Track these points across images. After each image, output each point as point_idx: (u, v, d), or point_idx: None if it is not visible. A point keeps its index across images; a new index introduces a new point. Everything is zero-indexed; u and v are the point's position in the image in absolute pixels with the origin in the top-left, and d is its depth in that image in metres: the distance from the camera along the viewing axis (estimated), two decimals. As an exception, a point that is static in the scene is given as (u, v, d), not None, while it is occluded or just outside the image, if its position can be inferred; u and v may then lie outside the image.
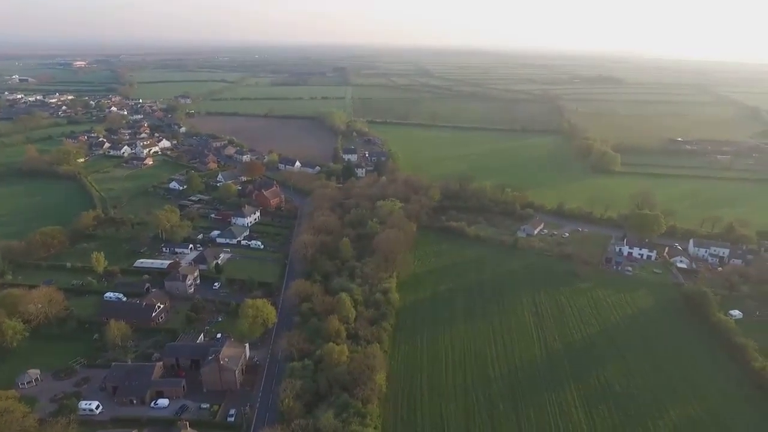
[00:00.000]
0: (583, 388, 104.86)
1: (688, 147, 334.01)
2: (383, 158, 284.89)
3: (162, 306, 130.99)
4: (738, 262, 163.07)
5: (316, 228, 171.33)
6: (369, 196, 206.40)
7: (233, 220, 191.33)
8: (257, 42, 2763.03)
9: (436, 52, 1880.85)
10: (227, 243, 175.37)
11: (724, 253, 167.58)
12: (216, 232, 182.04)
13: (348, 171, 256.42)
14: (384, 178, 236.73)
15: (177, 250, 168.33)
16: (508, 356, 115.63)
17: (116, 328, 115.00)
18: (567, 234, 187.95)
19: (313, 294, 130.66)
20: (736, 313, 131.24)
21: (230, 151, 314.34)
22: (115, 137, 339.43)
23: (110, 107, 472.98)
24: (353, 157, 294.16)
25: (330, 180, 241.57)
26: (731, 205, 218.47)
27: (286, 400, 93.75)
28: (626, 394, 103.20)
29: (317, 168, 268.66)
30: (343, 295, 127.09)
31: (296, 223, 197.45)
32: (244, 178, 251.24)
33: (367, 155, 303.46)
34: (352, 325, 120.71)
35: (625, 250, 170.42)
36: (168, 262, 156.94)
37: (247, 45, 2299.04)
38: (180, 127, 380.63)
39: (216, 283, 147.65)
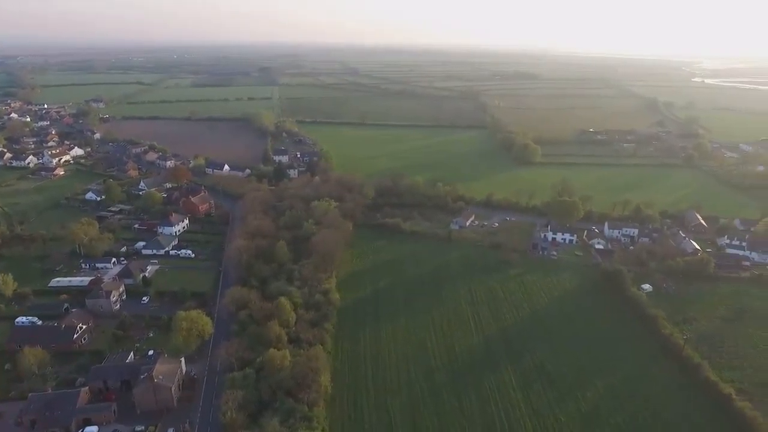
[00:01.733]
0: (519, 370, 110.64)
1: (599, 137, 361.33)
2: (315, 158, 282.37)
3: (84, 327, 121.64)
4: (646, 240, 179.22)
5: (249, 232, 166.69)
6: (303, 197, 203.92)
7: (159, 230, 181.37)
8: (173, 41, 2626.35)
9: (361, 51, 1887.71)
10: (154, 254, 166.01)
11: (634, 233, 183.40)
12: (141, 244, 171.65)
13: (280, 172, 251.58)
14: (317, 178, 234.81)
15: (98, 265, 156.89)
16: (448, 346, 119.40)
17: (31, 355, 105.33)
18: (496, 224, 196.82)
19: (251, 300, 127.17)
20: (646, 287, 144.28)
21: (152, 156, 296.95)
22: (18, 146, 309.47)
23: (10, 114, 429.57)
24: (284, 158, 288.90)
25: (262, 182, 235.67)
26: (637, 189, 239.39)
27: (228, 413, 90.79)
28: (557, 371, 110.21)
29: (247, 171, 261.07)
30: (282, 299, 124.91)
31: (228, 228, 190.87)
32: (169, 185, 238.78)
33: (298, 156, 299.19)
34: (293, 328, 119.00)
35: (550, 235, 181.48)
36: (89, 278, 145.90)
37: (163, 45, 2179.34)
38: (94, 133, 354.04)
39: (144, 298, 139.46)
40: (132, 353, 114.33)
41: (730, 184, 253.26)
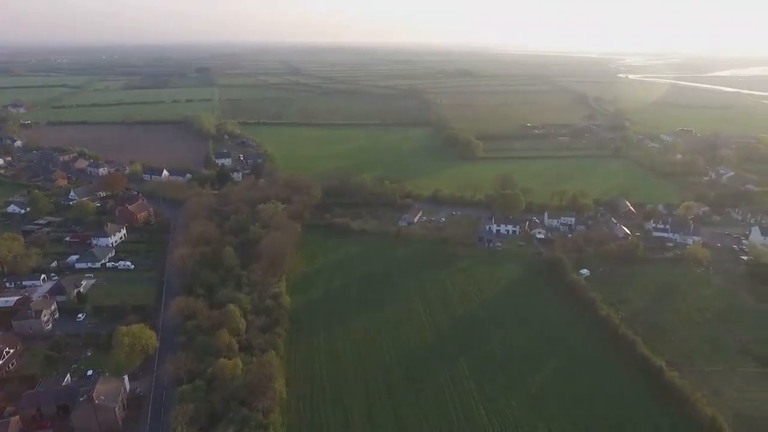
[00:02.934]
0: (471, 360, 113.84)
1: (536, 131, 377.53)
2: (260, 160, 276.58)
3: (11, 351, 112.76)
4: (582, 228, 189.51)
5: (193, 239, 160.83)
6: (249, 201, 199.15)
7: (94, 242, 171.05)
8: (101, 42, 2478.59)
9: (303, 50, 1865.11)
10: (89, 267, 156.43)
11: (571, 221, 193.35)
12: (74, 257, 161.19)
13: (223, 176, 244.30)
14: (263, 180, 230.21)
15: (25, 283, 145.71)
16: (402, 341, 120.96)
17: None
18: (443, 219, 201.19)
19: (198, 310, 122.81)
20: (584, 271, 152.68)
21: (82, 164, 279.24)
22: None
23: None
24: (227, 161, 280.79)
25: (204, 187, 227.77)
26: (573, 180, 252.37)
27: (179, 428, 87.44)
28: (507, 358, 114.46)
29: (188, 175, 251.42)
30: (231, 306, 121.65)
31: (170, 236, 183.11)
32: (103, 194, 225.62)
33: (242, 158, 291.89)
34: (244, 336, 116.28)
35: (494, 228, 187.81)
36: (15, 298, 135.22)
37: (90, 45, 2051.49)
38: (14, 141, 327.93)
39: (80, 315, 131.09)
40: (68, 375, 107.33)
41: (654, 172, 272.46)
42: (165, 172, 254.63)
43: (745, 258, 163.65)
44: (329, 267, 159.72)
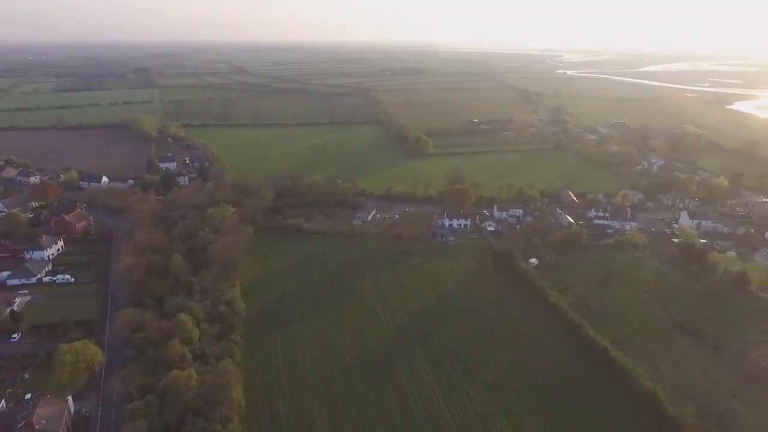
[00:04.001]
0: (429, 353, 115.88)
1: (483, 127, 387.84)
2: (207, 163, 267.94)
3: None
4: (530, 219, 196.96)
5: (139, 248, 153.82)
6: (197, 205, 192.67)
7: (27, 255, 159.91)
8: (25, 41, 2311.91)
9: (247, 49, 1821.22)
10: (23, 284, 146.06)
11: (519, 213, 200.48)
12: (5, 273, 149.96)
13: (168, 181, 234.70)
14: (210, 183, 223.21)
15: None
16: (360, 340, 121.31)
17: None
18: (397, 216, 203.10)
19: (146, 321, 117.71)
20: (533, 261, 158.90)
21: (10, 173, 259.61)
22: None
23: None
24: (172, 165, 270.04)
25: (148, 193, 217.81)
26: (519, 173, 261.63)
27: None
28: (464, 349, 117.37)
29: (130, 181, 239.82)
30: (182, 315, 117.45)
31: (113, 246, 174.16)
32: (35, 204, 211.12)
33: (187, 161, 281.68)
34: (198, 345, 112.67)
35: (446, 222, 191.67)
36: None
37: (12, 45, 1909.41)
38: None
39: (15, 335, 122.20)
40: (3, 401, 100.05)
41: (593, 163, 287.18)
42: (104, 179, 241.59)
43: (676, 240, 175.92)
44: (284, 269, 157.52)
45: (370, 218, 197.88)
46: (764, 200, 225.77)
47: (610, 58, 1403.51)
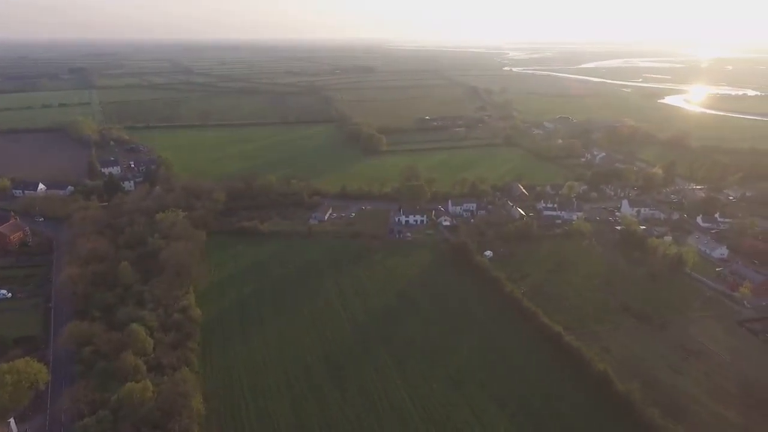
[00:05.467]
0: (392, 349, 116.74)
1: (435, 123, 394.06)
2: (153, 166, 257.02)
3: None
4: (483, 212, 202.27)
5: (83, 258, 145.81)
6: (144, 211, 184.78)
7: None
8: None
9: (192, 48, 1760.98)
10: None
11: (473, 207, 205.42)
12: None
13: (112, 186, 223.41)
14: (158, 187, 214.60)
15: None
16: (323, 340, 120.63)
17: None
18: (353, 214, 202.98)
19: (94, 334, 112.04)
20: (488, 253, 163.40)
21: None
22: None
23: None
24: (116, 170, 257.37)
25: (90, 200, 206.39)
26: (471, 168, 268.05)
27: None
28: (426, 343, 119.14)
29: (70, 188, 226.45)
30: (134, 325, 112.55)
31: (54, 257, 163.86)
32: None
33: (132, 165, 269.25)
34: (152, 355, 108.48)
35: (403, 219, 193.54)
36: None
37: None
38: None
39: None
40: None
41: (540, 157, 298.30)
42: (41, 186, 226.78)
43: (618, 228, 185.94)
44: (240, 273, 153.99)
45: (326, 217, 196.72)
46: (695, 187, 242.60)
47: (551, 55, 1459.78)
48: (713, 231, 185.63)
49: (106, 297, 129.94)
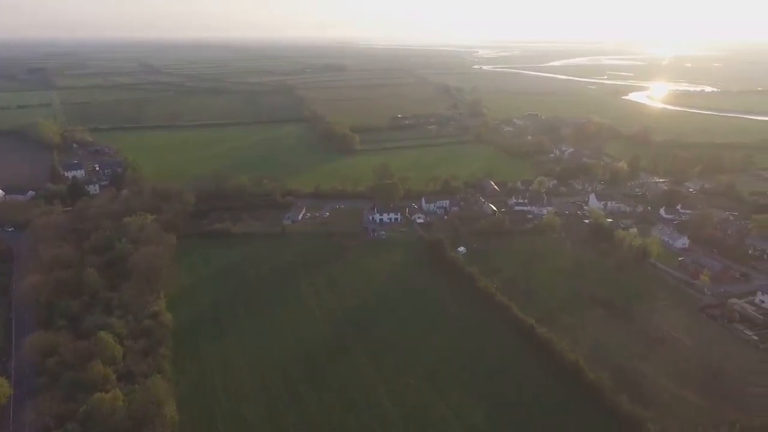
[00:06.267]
0: (368, 348, 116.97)
1: (407, 122, 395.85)
2: (120, 169, 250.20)
3: None
4: (456, 209, 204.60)
5: (45, 265, 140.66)
6: (111, 215, 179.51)
7: None
8: None
9: (158, 47, 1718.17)
10: None
11: (446, 204, 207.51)
12: None
13: (76, 190, 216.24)
14: (126, 191, 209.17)
15: None
16: (298, 340, 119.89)
17: None
18: (327, 213, 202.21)
19: (60, 344, 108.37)
20: (462, 249, 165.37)
21: None
22: None
23: None
24: (80, 173, 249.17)
25: (53, 204, 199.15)
26: (444, 165, 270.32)
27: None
28: (402, 340, 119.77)
29: (31, 193, 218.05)
30: (102, 333, 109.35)
31: (14, 265, 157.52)
32: None
33: (98, 168, 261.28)
34: (122, 363, 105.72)
35: (377, 217, 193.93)
36: None
37: None
38: None
39: None
40: None
41: (511, 153, 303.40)
42: (0, 192, 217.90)
43: (587, 221, 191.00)
44: (213, 276, 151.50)
45: (300, 218, 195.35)
46: (657, 181, 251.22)
47: (519, 54, 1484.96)
48: (675, 222, 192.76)
49: (72, 305, 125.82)
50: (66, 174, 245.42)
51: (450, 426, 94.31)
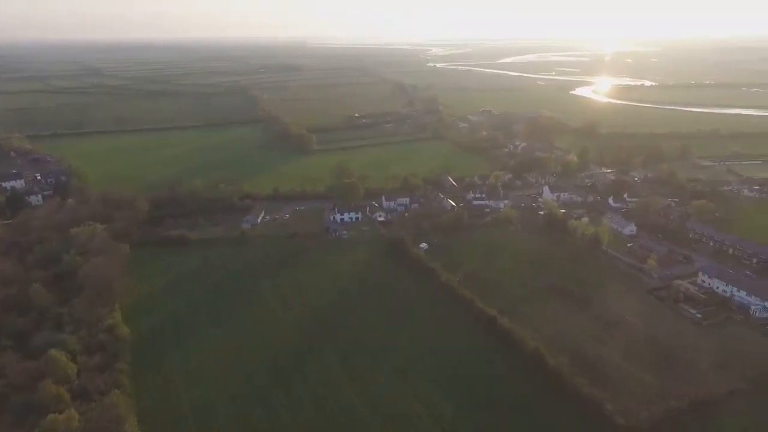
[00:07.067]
0: (337, 348, 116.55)
1: (364, 121, 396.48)
2: (64, 177, 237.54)
3: None
4: (416, 206, 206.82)
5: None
6: (56, 226, 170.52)
7: None
8: None
9: (99, 48, 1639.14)
10: None
11: (406, 201, 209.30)
12: None
13: (16, 201, 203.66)
14: (71, 200, 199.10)
15: None
16: (265, 345, 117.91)
17: None
18: (288, 215, 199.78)
19: (6, 365, 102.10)
20: (423, 245, 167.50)
21: None
22: None
23: None
24: (19, 183, 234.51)
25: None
26: (402, 163, 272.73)
27: None
28: (369, 339, 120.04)
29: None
30: (53, 351, 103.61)
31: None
32: None
33: (39, 177, 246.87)
34: (76, 382, 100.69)
35: (338, 217, 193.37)
36: None
37: None
38: None
39: None
40: None
41: (467, 149, 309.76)
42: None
43: (541, 213, 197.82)
44: (171, 284, 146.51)
45: (259, 220, 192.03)
46: (605, 171, 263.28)
47: (470, 51, 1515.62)
48: (623, 210, 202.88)
49: (18, 323, 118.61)
50: (4, 185, 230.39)
51: (421, 420, 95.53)
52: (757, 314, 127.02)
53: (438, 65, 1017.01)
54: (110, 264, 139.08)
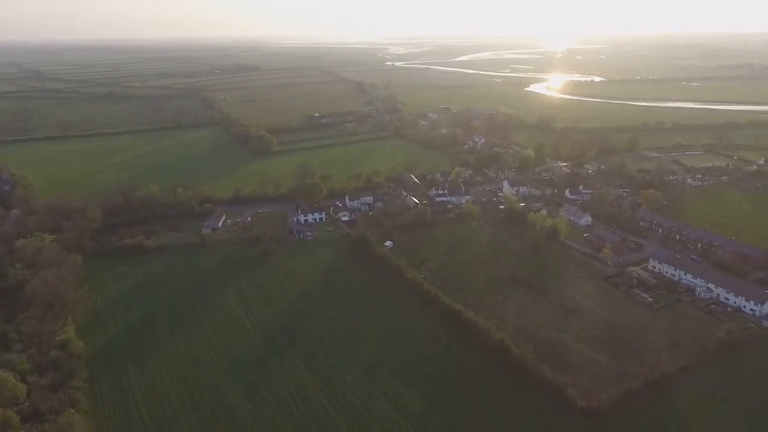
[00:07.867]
0: (301, 350, 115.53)
1: (324, 120, 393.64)
2: (7, 187, 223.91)
3: None
4: (380, 204, 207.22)
5: None
6: (0, 239, 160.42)
7: None
8: None
9: (37, 50, 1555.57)
10: None
11: (369, 200, 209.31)
12: None
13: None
14: (16, 210, 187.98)
15: None
16: (228, 352, 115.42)
17: None
18: (249, 218, 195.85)
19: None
20: (388, 243, 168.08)
21: None
22: None
23: None
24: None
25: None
26: (364, 162, 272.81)
27: None
28: (335, 339, 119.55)
29: None
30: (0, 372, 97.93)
31: None
32: None
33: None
34: (26, 403, 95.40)
35: (302, 218, 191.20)
36: None
37: None
38: None
39: None
40: None
41: (427, 146, 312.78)
42: None
43: (502, 207, 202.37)
44: (128, 295, 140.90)
45: (220, 225, 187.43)
46: (561, 165, 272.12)
47: (428, 49, 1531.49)
48: (578, 202, 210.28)
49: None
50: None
51: (390, 417, 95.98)
52: (701, 295, 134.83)
53: (396, 64, 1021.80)
54: (61, 276, 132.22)
